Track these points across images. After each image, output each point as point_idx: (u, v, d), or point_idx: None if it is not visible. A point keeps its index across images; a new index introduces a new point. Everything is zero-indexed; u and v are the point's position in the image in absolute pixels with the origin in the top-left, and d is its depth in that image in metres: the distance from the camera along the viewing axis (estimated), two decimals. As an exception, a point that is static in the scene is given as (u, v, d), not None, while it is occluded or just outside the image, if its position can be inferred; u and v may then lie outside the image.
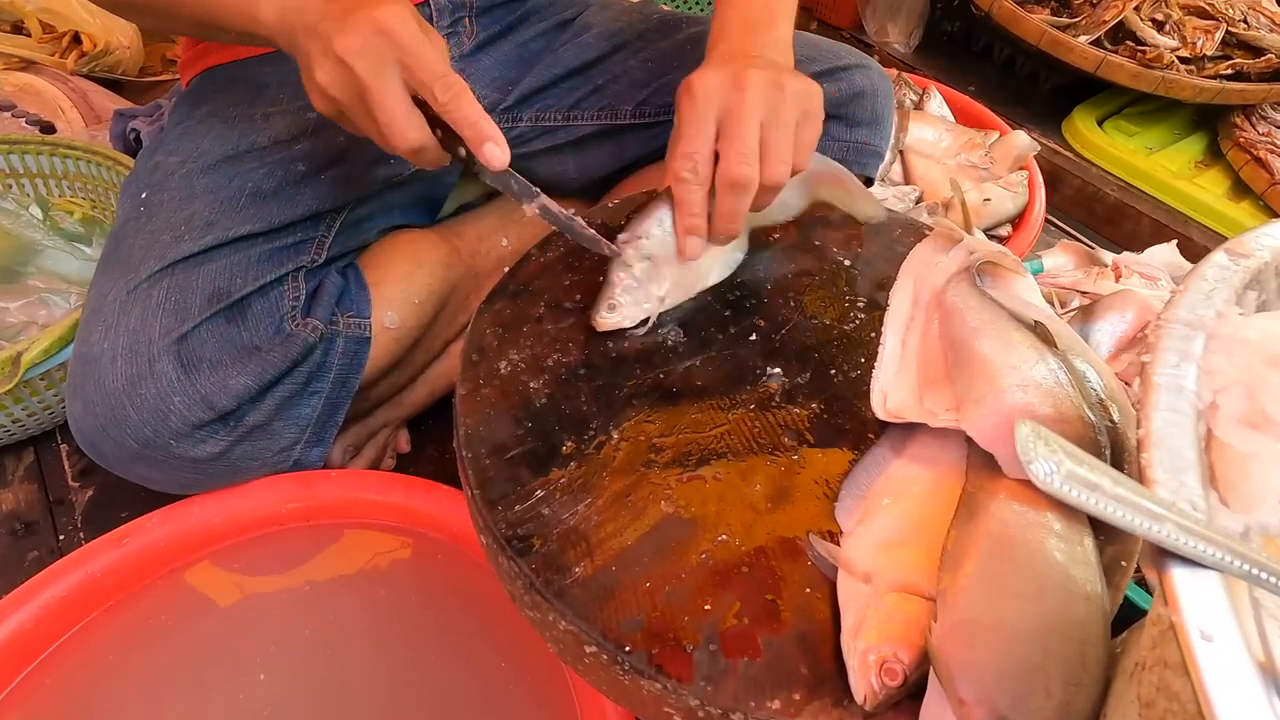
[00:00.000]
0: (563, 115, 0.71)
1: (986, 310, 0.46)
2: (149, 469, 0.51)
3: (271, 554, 0.55)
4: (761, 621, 0.36)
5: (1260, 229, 0.29)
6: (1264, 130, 1.12)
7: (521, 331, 0.49)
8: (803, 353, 0.49)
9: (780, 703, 0.34)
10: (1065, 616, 0.33)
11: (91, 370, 0.49)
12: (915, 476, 0.42)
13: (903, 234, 0.59)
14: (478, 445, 0.43)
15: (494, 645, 0.51)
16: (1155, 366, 0.23)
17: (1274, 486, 0.23)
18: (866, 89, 0.69)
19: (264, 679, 0.49)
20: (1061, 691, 0.31)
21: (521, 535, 0.39)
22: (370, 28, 0.42)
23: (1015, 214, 0.91)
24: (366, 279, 0.62)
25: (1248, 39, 1.10)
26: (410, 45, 0.42)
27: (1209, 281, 0.26)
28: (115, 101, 1.01)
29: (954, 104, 1.07)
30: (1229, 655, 0.17)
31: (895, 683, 0.33)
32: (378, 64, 0.42)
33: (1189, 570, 0.19)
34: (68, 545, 0.65)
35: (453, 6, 0.67)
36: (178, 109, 0.64)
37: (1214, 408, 0.23)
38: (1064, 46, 1.09)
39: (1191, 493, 0.20)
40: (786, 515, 0.41)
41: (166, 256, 0.52)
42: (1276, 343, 0.24)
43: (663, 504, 0.40)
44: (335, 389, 0.57)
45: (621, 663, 0.35)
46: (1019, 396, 0.40)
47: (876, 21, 1.34)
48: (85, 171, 0.83)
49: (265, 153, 0.58)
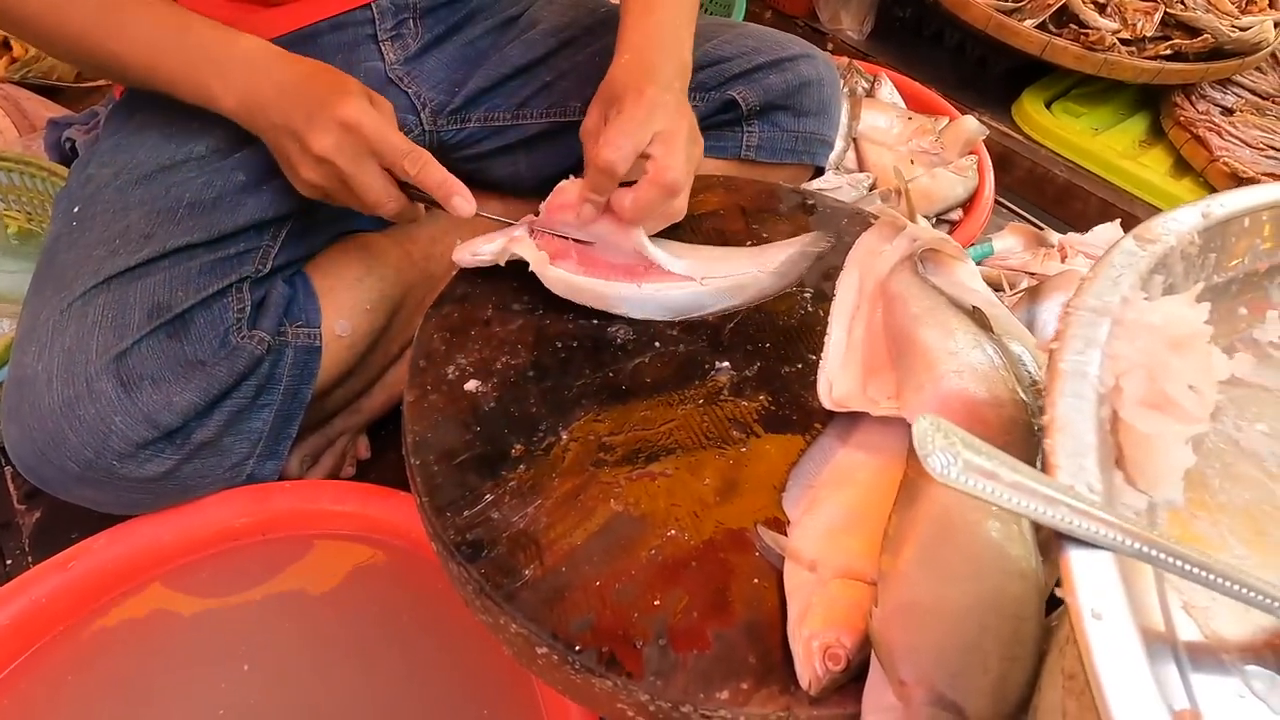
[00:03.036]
0: (511, 114, 0.70)
1: (927, 298, 0.47)
2: (93, 491, 0.49)
3: (228, 571, 0.55)
4: (710, 614, 0.37)
5: (1167, 214, 0.30)
6: (1203, 109, 1.15)
7: (469, 335, 0.49)
8: (751, 345, 0.50)
9: (729, 693, 0.34)
10: (1002, 594, 0.34)
11: (27, 393, 0.48)
12: (860, 464, 0.43)
13: (849, 223, 0.60)
14: (426, 452, 0.43)
15: (459, 648, 0.51)
16: (1062, 354, 0.24)
17: (1176, 464, 0.24)
18: (812, 78, 0.69)
19: (222, 713, 0.48)
20: (998, 666, 0.32)
21: (471, 540, 0.39)
22: (338, 126, 0.48)
23: (966, 198, 0.92)
24: (316, 286, 0.61)
25: (1185, 20, 1.13)
26: (376, 134, 0.49)
27: (1116, 268, 0.27)
28: (50, 109, 0.97)
29: (905, 90, 1.08)
30: (1117, 632, 0.18)
31: (839, 667, 0.34)
32: (354, 156, 0.49)
33: (1084, 551, 0.20)
34: (15, 569, 0.63)
35: (395, 8, 0.66)
36: (111, 119, 0.62)
37: (1118, 391, 0.24)
38: (1010, 30, 1.11)
39: (1090, 476, 0.21)
40: (735, 508, 0.41)
41: (101, 271, 0.50)
42: (1178, 326, 0.25)
43: (612, 502, 0.41)
44: (286, 401, 0.56)
45: (572, 662, 0.35)
46: (955, 382, 0.41)
47: (829, 9, 1.35)
48: (19, 184, 0.80)
49: (204, 161, 0.57)
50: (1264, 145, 1.10)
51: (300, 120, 0.48)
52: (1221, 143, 1.09)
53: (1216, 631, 0.22)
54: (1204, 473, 0.26)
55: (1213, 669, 0.21)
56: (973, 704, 0.31)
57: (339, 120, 0.48)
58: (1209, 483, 0.26)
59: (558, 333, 0.50)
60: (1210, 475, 0.26)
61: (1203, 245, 0.29)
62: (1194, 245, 0.29)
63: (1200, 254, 0.29)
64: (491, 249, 0.51)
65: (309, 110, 0.48)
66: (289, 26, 0.62)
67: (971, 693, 0.32)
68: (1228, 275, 0.31)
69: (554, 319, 0.50)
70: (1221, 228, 0.30)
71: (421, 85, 0.68)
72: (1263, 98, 1.20)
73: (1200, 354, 0.24)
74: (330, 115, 0.48)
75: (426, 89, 0.68)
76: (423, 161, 0.50)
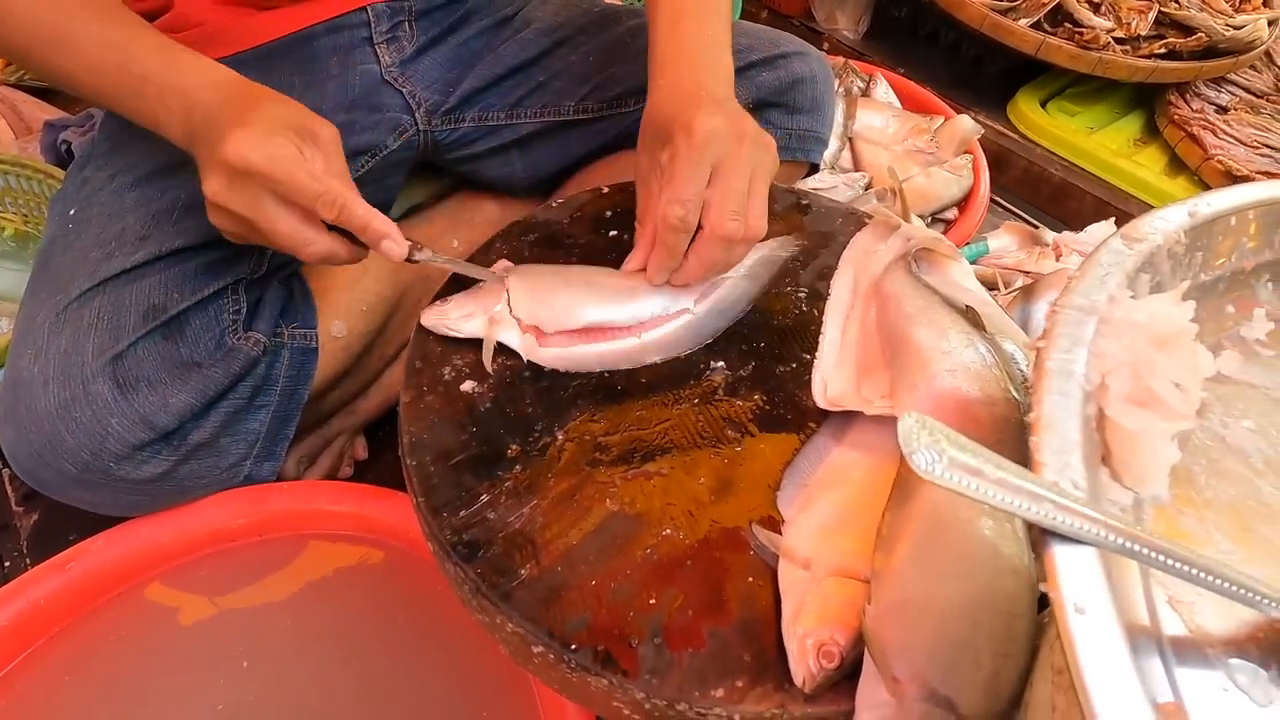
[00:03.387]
0: (505, 114, 0.71)
1: (921, 297, 0.47)
2: (90, 493, 0.50)
3: (226, 571, 0.55)
4: (705, 612, 0.37)
5: (1155, 213, 0.30)
6: (1197, 107, 1.15)
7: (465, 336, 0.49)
8: (746, 345, 0.50)
9: (724, 691, 0.34)
10: (994, 592, 0.34)
11: (23, 395, 0.48)
12: (854, 463, 0.43)
13: (844, 223, 0.60)
14: (422, 453, 0.43)
15: (456, 648, 0.51)
16: (1049, 352, 0.24)
17: (1162, 461, 0.24)
18: (805, 76, 0.70)
19: (222, 707, 0.48)
20: (990, 662, 0.33)
21: (467, 541, 0.39)
22: (226, 172, 0.42)
23: (961, 197, 0.92)
24: (311, 287, 0.62)
25: (1180, 18, 1.13)
26: (274, 175, 0.42)
27: (1103, 267, 0.27)
28: (46, 111, 0.97)
29: (900, 90, 1.08)
30: (1100, 627, 0.18)
31: (832, 665, 0.34)
32: (251, 201, 0.43)
33: (1068, 547, 0.20)
34: (14, 571, 0.63)
35: (391, 11, 0.66)
36: (107, 122, 0.62)
37: (1104, 388, 0.24)
38: (1005, 30, 1.11)
39: (1074, 473, 0.21)
40: (730, 507, 0.42)
41: (97, 274, 0.51)
42: (1162, 324, 0.25)
43: (608, 502, 0.41)
44: (283, 402, 0.56)
45: (568, 661, 0.35)
46: (949, 381, 0.41)
47: (825, 9, 1.36)
48: (16, 186, 0.80)
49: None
50: (1258, 143, 1.11)
51: (203, 158, 0.44)
52: (1216, 141, 1.09)
53: (1201, 625, 0.23)
54: (1190, 469, 0.27)
55: (1197, 662, 0.21)
56: (965, 700, 0.32)
57: (226, 162, 0.42)
58: (1195, 479, 0.27)
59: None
60: (1197, 471, 0.27)
61: (1189, 244, 0.29)
62: (1180, 244, 0.29)
63: (1187, 253, 0.30)
64: (469, 328, 0.47)
65: (209, 146, 0.43)
66: (284, 30, 0.62)
67: (964, 688, 0.32)
68: (1215, 273, 0.31)
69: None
70: (1208, 226, 0.30)
71: (416, 85, 0.68)
72: (1257, 96, 1.21)
73: (1185, 351, 0.24)
74: (220, 160, 0.42)
75: (421, 89, 0.68)
76: (340, 203, 0.44)
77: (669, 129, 0.47)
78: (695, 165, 0.45)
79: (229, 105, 0.44)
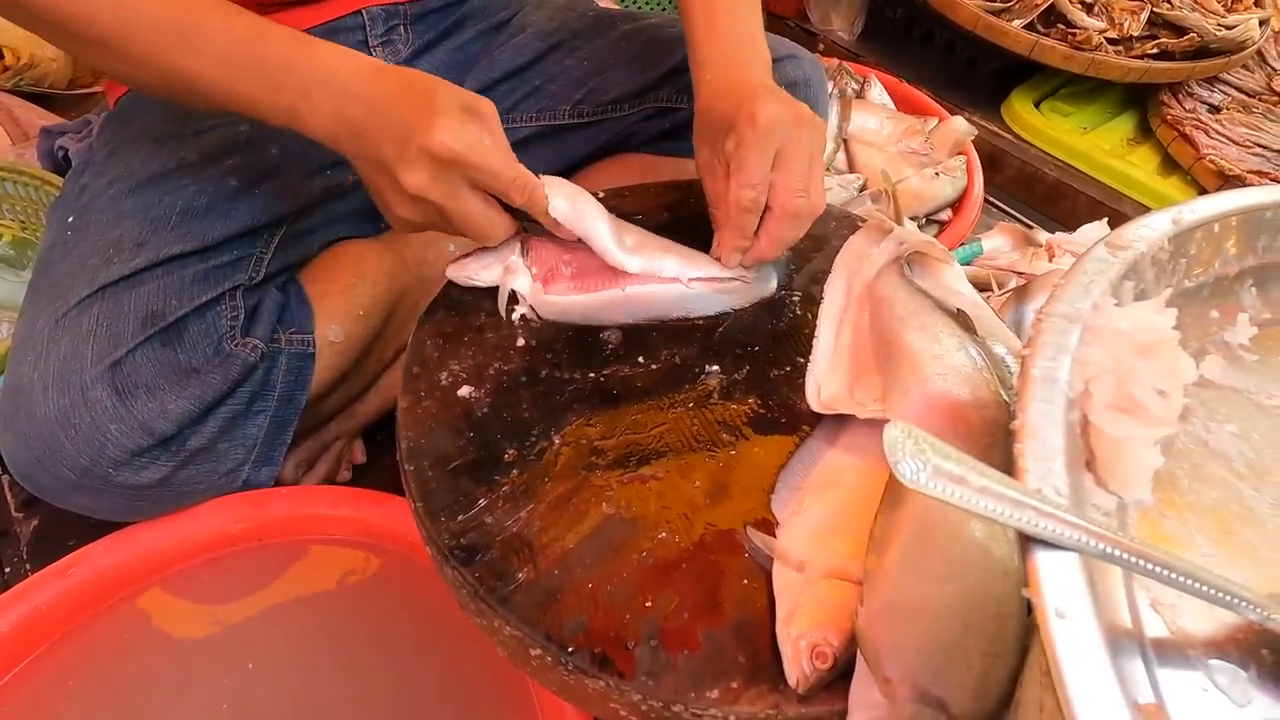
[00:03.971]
0: (501, 118, 0.71)
1: (913, 301, 0.48)
2: (89, 498, 0.50)
3: (226, 576, 0.55)
4: (701, 615, 0.38)
5: (1140, 221, 0.31)
6: (1190, 107, 1.16)
7: (462, 341, 0.49)
8: (740, 349, 0.51)
9: (719, 692, 0.35)
10: (984, 593, 0.34)
11: (23, 402, 0.48)
12: (847, 466, 0.43)
13: (838, 227, 0.60)
14: (420, 458, 0.43)
15: (454, 650, 0.52)
16: (1033, 360, 0.25)
17: (1145, 466, 0.25)
18: (799, 79, 0.70)
19: (226, 708, 0.49)
20: (981, 663, 0.33)
21: (465, 545, 0.39)
22: (430, 161, 0.43)
23: (955, 198, 0.93)
24: (309, 293, 0.62)
25: (1172, 19, 1.14)
26: (475, 162, 0.43)
27: (1088, 275, 0.27)
28: (43, 117, 0.98)
29: (894, 91, 1.09)
30: (1080, 631, 0.18)
31: (826, 666, 0.35)
32: (450, 191, 0.44)
33: (1050, 553, 0.20)
34: (14, 578, 0.64)
35: (386, 15, 0.67)
36: (105, 129, 0.63)
37: (1087, 395, 0.25)
38: (998, 31, 1.12)
39: (1057, 479, 0.22)
40: (725, 510, 0.42)
41: (96, 281, 0.51)
42: (1145, 332, 0.26)
43: (604, 505, 0.41)
44: (281, 407, 0.56)
45: (565, 663, 0.36)
46: (940, 384, 0.41)
47: (820, 10, 1.36)
48: (13, 192, 0.80)
49: (196, 169, 0.58)
50: (1250, 143, 1.12)
51: (391, 152, 0.43)
52: (1208, 140, 1.10)
53: (1183, 627, 0.23)
54: (1174, 473, 0.27)
55: (1178, 663, 0.22)
56: (956, 700, 0.32)
57: (430, 153, 0.42)
58: (1178, 483, 0.27)
59: (549, 338, 0.50)
60: (1180, 475, 0.27)
61: (1173, 251, 0.30)
62: (1165, 251, 0.30)
63: (1171, 259, 0.30)
64: (488, 276, 0.51)
65: (400, 139, 0.42)
66: (280, 34, 0.62)
67: (955, 689, 0.32)
68: (1199, 280, 0.32)
69: (546, 324, 0.51)
70: (1192, 233, 0.31)
71: (412, 90, 0.68)
72: (1249, 95, 1.22)
73: (1168, 358, 0.25)
74: (423, 149, 0.42)
75: (417, 93, 0.69)
76: (529, 188, 0.46)
77: (730, 120, 0.49)
78: (762, 151, 0.47)
79: (402, 94, 0.43)
